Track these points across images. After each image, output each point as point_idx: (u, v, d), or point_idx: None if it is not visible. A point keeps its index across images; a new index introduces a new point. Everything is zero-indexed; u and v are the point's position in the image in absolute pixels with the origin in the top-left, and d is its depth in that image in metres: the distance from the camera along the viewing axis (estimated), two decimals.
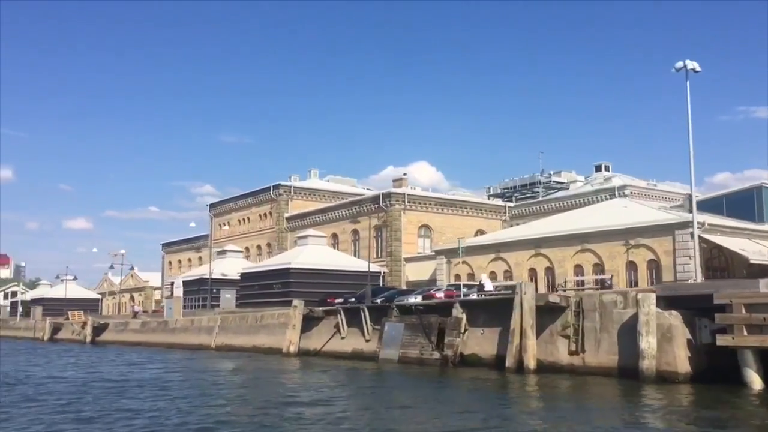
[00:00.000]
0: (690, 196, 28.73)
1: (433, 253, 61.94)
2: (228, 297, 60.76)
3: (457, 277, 57.58)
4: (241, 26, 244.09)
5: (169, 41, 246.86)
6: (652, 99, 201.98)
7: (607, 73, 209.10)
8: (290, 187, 78.49)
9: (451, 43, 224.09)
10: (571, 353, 24.15)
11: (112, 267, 75.43)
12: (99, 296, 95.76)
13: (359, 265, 57.03)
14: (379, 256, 65.40)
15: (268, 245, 78.54)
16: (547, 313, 24.91)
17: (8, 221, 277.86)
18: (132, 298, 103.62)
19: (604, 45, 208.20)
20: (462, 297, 34.83)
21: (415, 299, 40.04)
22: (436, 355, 28.13)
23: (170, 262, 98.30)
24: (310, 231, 60.66)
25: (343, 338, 33.94)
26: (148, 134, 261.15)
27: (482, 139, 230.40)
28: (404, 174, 73.00)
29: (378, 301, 42.66)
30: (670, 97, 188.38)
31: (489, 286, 36.40)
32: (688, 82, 28.60)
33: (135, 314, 65.67)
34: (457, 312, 27.92)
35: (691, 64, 28.09)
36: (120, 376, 27.69)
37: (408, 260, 64.72)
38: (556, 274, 48.96)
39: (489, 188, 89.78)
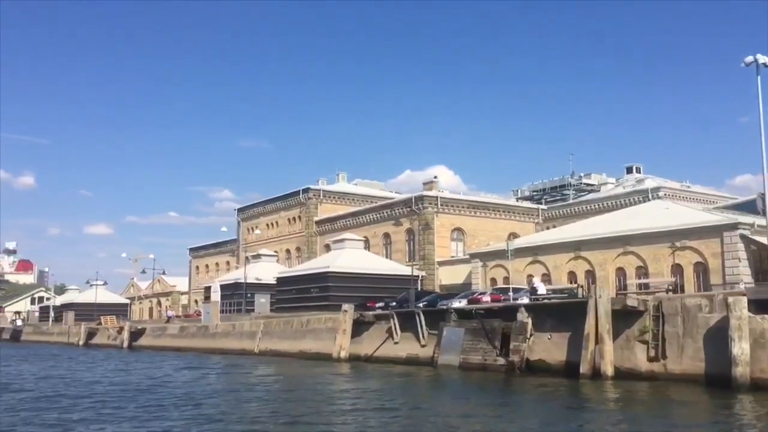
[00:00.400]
0: (763, 196, 27.46)
1: (467, 257, 60.94)
2: (263, 301, 59.89)
3: (493, 281, 56.43)
4: (258, 32, 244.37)
5: (187, 48, 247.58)
6: (677, 100, 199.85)
7: (634, 74, 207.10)
8: (319, 190, 77.67)
9: (471, 47, 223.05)
10: (650, 359, 23.00)
11: (144, 272, 74.94)
12: (128, 301, 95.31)
13: (397, 268, 56.06)
14: (412, 259, 64.38)
15: (298, 249, 77.74)
16: (622, 317, 23.78)
17: (30, 227, 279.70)
18: (159, 303, 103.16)
19: (627, 46, 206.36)
20: (512, 301, 33.88)
21: (459, 303, 38.98)
22: (501, 360, 27.04)
23: (197, 267, 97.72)
24: (347, 234, 59.75)
25: (396, 343, 32.91)
26: (167, 140, 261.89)
27: (500, 143, 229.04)
28: (435, 177, 72.05)
29: (420, 305, 41.74)
30: (694, 98, 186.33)
31: (542, 289, 35.24)
32: (759, 77, 27.38)
33: (168, 319, 64.95)
34: (523, 316, 26.84)
35: (762, 59, 26.87)
36: (187, 382, 26.81)
37: (441, 264, 63.64)
38: (597, 277, 47.70)
39: (517, 191, 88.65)
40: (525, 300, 34.85)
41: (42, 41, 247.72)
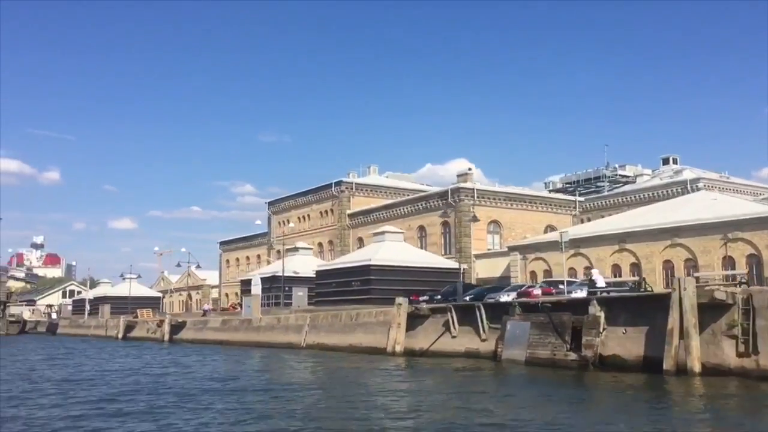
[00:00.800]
0: None
1: (505, 250, 59.69)
2: (300, 295, 59.13)
3: (533, 274, 55.23)
4: (278, 27, 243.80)
5: (210, 43, 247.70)
6: (711, 90, 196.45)
7: (664, 66, 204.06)
8: (352, 183, 76.73)
9: (494, 41, 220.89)
10: (739, 355, 21.69)
11: (179, 265, 74.54)
12: (160, 294, 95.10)
13: (438, 261, 54.99)
14: (447, 252, 63.27)
15: (330, 243, 76.90)
16: (707, 310, 22.50)
17: (56, 222, 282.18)
18: (189, 297, 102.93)
19: (656, 38, 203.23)
20: (567, 294, 32.68)
21: (507, 296, 37.84)
22: (573, 356, 25.83)
23: (227, 261, 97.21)
24: (387, 227, 58.64)
25: (454, 337, 31.80)
26: (190, 135, 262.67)
27: (520, 137, 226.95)
28: (469, 169, 70.71)
29: (467, 298, 40.59)
30: (726, 89, 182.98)
31: (601, 282, 33.97)
32: None
33: (205, 312, 64.37)
34: (595, 310, 25.60)
35: None
36: (260, 378, 25.94)
37: (477, 257, 62.46)
38: (643, 270, 46.36)
39: (548, 183, 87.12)
40: (581, 293, 33.65)
41: (67, 38, 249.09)
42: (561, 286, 38.84)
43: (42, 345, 54.83)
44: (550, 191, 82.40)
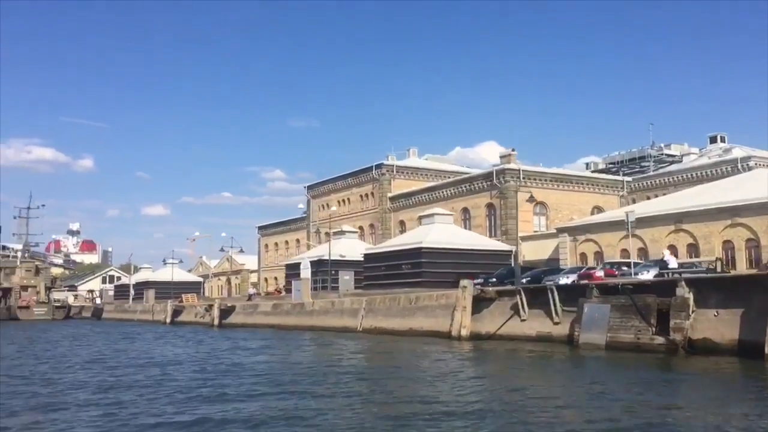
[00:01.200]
0: None
1: (553, 231, 58.23)
2: (347, 278, 58.34)
3: (583, 256, 53.71)
4: (306, 12, 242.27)
5: (239, 29, 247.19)
6: (758, 67, 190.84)
7: (706, 44, 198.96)
8: (392, 166, 75.49)
9: (528, 22, 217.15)
10: None
11: (222, 249, 74.16)
12: (201, 279, 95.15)
13: (489, 243, 53.79)
14: (493, 234, 61.98)
15: (371, 226, 75.93)
16: None
17: (91, 209, 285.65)
18: (229, 281, 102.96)
19: (692, 17, 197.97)
20: (633, 276, 31.33)
21: (567, 279, 36.58)
22: (659, 339, 24.54)
23: (266, 245, 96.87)
24: (436, 209, 57.46)
25: (523, 321, 30.66)
26: (221, 121, 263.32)
27: (551, 119, 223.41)
28: (512, 149, 69.07)
29: (523, 281, 39.40)
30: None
31: (673, 263, 32.56)
32: None
33: (250, 297, 63.97)
34: (683, 291, 24.24)
35: None
36: (349, 363, 25.10)
37: (523, 239, 61.03)
38: (701, 251, 44.69)
39: (590, 164, 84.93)
40: (648, 275, 32.28)
41: (99, 27, 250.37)
42: (624, 268, 37.48)
43: (96, 330, 54.82)
44: (592, 172, 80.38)
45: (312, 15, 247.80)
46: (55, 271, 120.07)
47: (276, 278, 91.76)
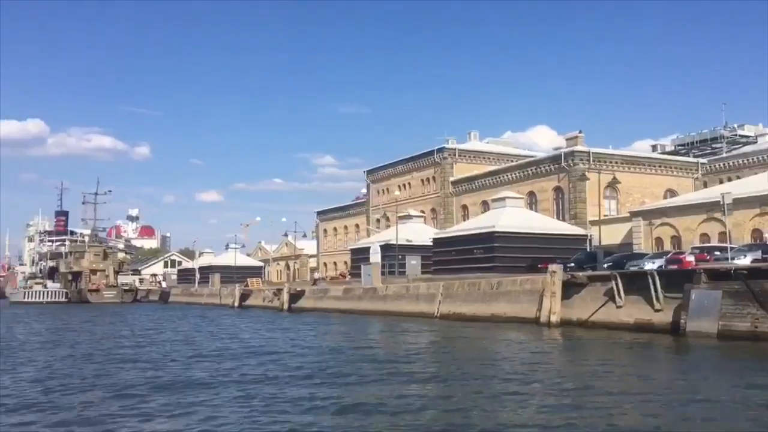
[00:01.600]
0: None
1: (626, 215, 55.97)
2: (414, 263, 57.30)
3: (659, 240, 51.46)
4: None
5: (288, 15, 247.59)
6: None
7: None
8: (454, 150, 73.85)
9: (584, 5, 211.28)
10: None
11: (286, 234, 73.90)
12: (262, 264, 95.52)
13: (563, 228, 51.91)
14: (561, 218, 59.95)
15: (433, 210, 74.59)
16: None
17: (148, 195, 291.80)
18: (287, 266, 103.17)
19: None
20: (730, 261, 29.19)
21: (653, 264, 34.61)
22: None
23: (325, 230, 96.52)
24: (508, 192, 55.83)
25: (619, 307, 29.02)
26: (271, 108, 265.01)
27: (601, 102, 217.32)
28: (579, 132, 66.69)
29: (604, 266, 37.63)
30: None
31: None
32: None
33: (315, 281, 63.55)
34: None
35: None
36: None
37: (593, 223, 58.82)
38: None
39: (656, 146, 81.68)
40: (746, 260, 30.14)
41: (154, 16, 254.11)
42: (717, 253, 35.30)
43: (170, 313, 55.24)
44: (661, 154, 77.27)
45: (361, 1, 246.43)
46: (119, 255, 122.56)
47: (335, 263, 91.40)
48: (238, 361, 20.96)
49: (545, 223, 51.50)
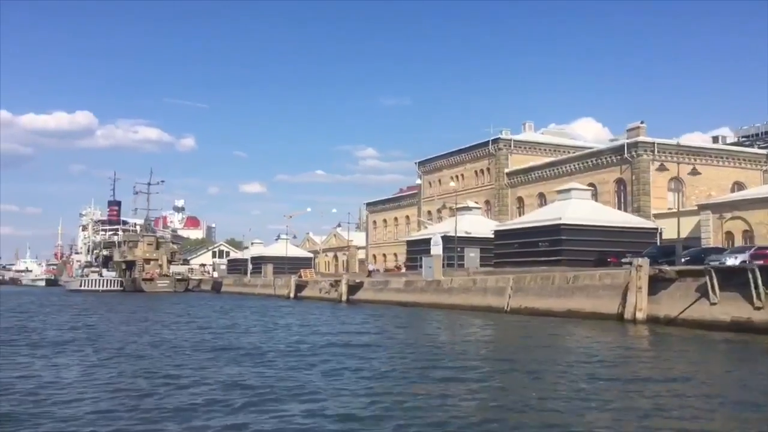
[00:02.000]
0: None
1: (692, 208, 53.66)
2: (472, 256, 55.96)
3: (729, 234, 49.20)
4: None
5: (331, 9, 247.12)
6: None
7: None
8: (510, 141, 72.12)
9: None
10: None
11: (339, 225, 73.23)
12: (312, 255, 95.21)
13: (634, 221, 49.91)
14: (623, 211, 57.88)
15: (487, 202, 73.06)
16: None
17: (193, 186, 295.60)
18: (335, 257, 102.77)
19: None
20: None
21: (734, 260, 32.66)
22: None
23: (374, 222, 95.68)
24: (574, 184, 53.96)
25: (713, 304, 27.23)
26: (313, 100, 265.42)
27: (648, 94, 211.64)
28: (641, 122, 64.30)
29: (683, 260, 35.83)
30: None
31: None
32: None
33: (370, 273, 62.71)
34: None
35: None
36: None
37: (656, 216, 56.58)
38: None
39: (718, 137, 78.43)
40: None
41: (198, 11, 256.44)
42: None
43: (229, 303, 54.92)
44: (725, 145, 74.13)
45: None
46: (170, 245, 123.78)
47: (384, 254, 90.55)
48: (351, 353, 20.29)
49: (613, 216, 49.57)
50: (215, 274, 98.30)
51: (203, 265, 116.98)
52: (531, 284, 36.95)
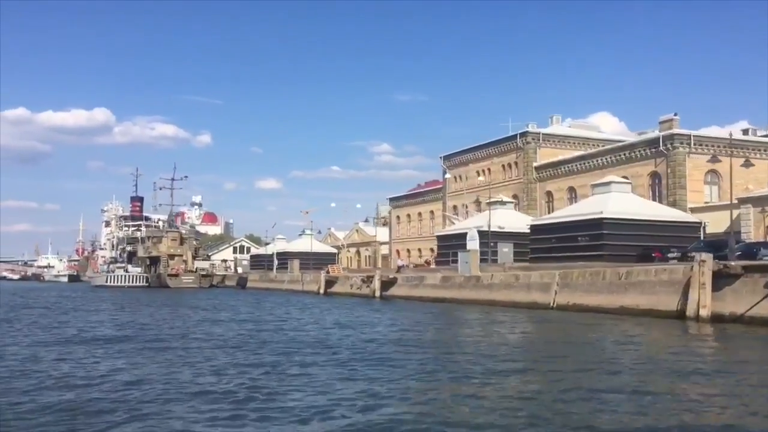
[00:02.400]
0: None
1: (731, 202, 51.80)
2: (506, 251, 54.43)
3: None
4: None
5: (347, 6, 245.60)
6: None
7: None
8: (538, 134, 70.37)
9: None
10: None
11: (366, 220, 71.93)
12: (336, 251, 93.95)
13: (676, 215, 48.20)
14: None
15: (515, 197, 71.34)
16: None
17: (209, 182, 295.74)
18: (358, 253, 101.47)
19: None
20: None
21: None
22: None
23: (398, 217, 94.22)
24: (613, 177, 52.26)
25: None
26: (328, 96, 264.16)
27: (664, 89, 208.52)
28: (675, 114, 62.37)
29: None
30: None
31: None
32: None
33: (399, 268, 61.33)
34: None
35: None
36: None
37: (693, 210, 54.77)
38: None
39: (749, 130, 76.22)
40: None
41: (212, 8, 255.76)
42: None
43: (258, 298, 53.87)
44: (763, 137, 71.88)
45: None
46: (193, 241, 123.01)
47: (408, 250, 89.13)
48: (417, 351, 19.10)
49: (656, 210, 47.86)
50: (239, 270, 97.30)
51: (225, 260, 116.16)
52: (579, 280, 35.40)
